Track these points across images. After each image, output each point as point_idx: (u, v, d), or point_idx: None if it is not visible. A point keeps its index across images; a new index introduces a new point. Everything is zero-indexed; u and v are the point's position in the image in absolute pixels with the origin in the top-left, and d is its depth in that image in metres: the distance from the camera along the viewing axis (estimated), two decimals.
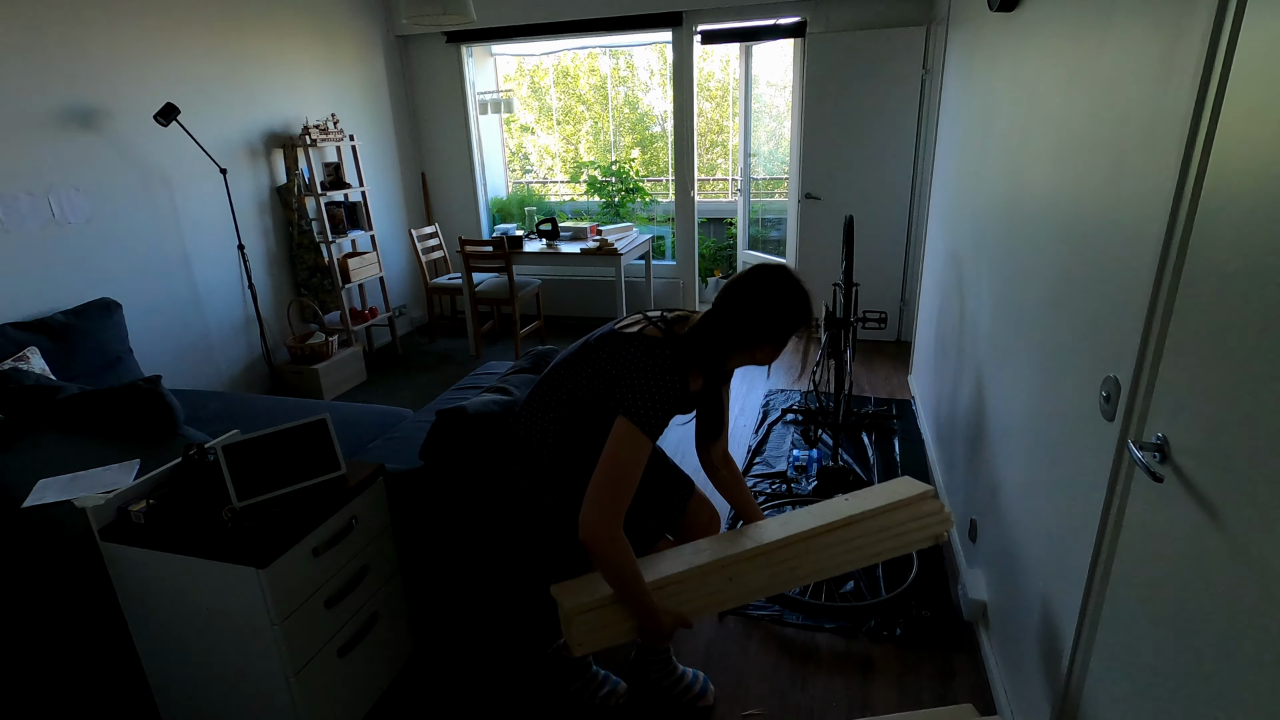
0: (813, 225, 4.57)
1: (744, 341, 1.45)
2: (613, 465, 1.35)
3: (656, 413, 1.37)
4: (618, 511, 1.36)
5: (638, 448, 1.36)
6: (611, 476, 1.35)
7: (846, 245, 2.78)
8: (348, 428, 2.49)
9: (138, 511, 1.53)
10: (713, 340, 1.45)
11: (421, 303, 5.41)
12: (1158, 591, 1.03)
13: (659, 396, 1.37)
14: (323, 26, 4.27)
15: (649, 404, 1.36)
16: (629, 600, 1.41)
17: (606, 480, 1.35)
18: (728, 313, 1.44)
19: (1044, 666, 1.46)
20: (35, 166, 2.79)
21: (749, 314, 1.43)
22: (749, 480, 2.91)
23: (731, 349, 1.46)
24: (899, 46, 4.07)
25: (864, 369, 4.18)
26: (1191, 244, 0.98)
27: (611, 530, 1.35)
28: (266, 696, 1.56)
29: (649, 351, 1.41)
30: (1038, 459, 1.56)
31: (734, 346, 1.46)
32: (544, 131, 7.01)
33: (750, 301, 1.43)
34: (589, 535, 1.34)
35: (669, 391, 1.38)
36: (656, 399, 1.37)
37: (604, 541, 1.35)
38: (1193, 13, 0.99)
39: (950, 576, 2.27)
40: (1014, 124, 1.93)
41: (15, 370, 2.37)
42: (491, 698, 1.87)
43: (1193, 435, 0.95)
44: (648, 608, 1.41)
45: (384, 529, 1.81)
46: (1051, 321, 1.52)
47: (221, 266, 3.67)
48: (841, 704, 1.82)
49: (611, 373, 1.43)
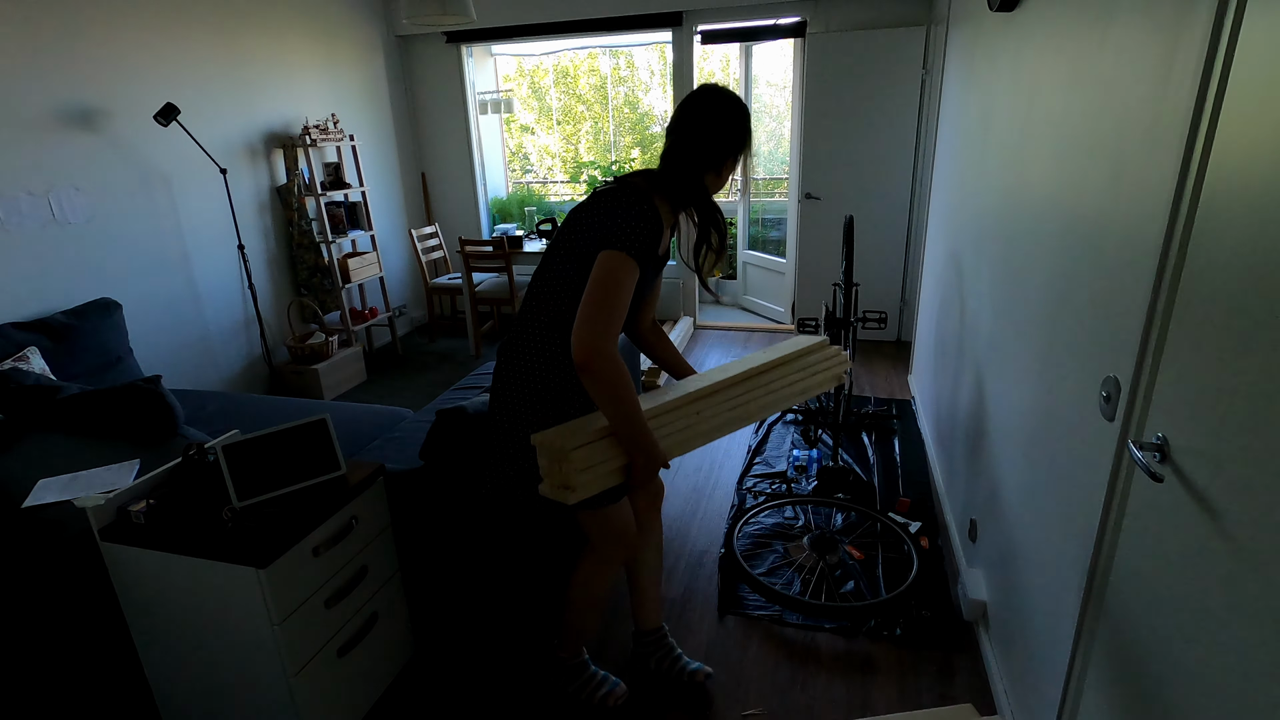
0: (813, 225, 4.57)
1: (711, 157, 1.48)
2: (601, 287, 1.33)
3: (639, 237, 1.37)
4: (611, 333, 1.33)
5: (624, 270, 1.35)
6: (600, 298, 1.32)
7: (846, 245, 2.78)
8: (348, 428, 2.49)
9: (138, 511, 1.53)
10: (685, 166, 1.49)
11: (421, 303, 5.41)
12: (1158, 591, 1.03)
13: (639, 223, 1.38)
14: (323, 26, 4.27)
15: (630, 230, 1.37)
16: (624, 424, 1.36)
17: (595, 301, 1.32)
18: (689, 136, 1.48)
19: (1044, 666, 1.47)
20: (35, 166, 2.79)
21: (709, 129, 1.47)
22: (749, 480, 2.92)
23: (703, 168, 1.50)
24: (899, 46, 4.07)
25: (864, 369, 4.18)
26: (1191, 244, 0.98)
27: (609, 347, 1.32)
28: (266, 696, 1.56)
29: (624, 192, 1.45)
30: (1038, 459, 1.56)
31: (704, 166, 1.49)
32: (544, 131, 7.01)
33: (705, 118, 1.48)
34: (587, 353, 1.30)
35: (647, 218, 1.40)
36: (637, 225, 1.38)
37: (606, 357, 1.31)
38: (1193, 13, 0.99)
39: (950, 576, 2.27)
40: (1014, 124, 1.93)
41: (15, 370, 2.37)
42: (491, 698, 1.87)
43: (1193, 435, 0.95)
44: (643, 430, 1.39)
45: (384, 529, 1.81)
46: (1051, 321, 1.52)
47: (221, 266, 3.67)
48: (841, 704, 1.82)
49: (596, 221, 1.44)
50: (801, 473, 2.95)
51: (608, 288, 1.34)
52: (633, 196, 1.43)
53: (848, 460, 3.03)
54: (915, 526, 2.51)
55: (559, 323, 1.48)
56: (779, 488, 2.85)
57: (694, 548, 2.49)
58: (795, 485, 2.86)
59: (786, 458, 3.09)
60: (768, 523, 2.59)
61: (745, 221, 5.35)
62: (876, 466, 2.99)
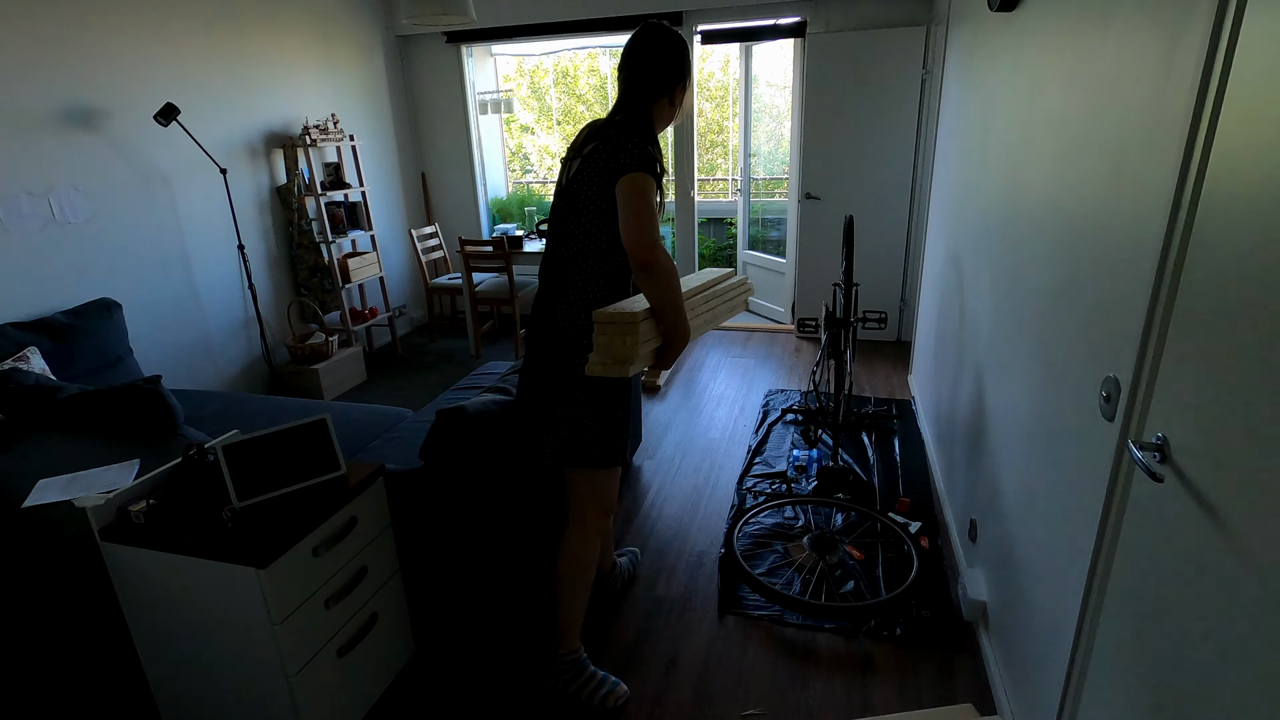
0: (813, 225, 4.57)
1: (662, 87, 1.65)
2: (633, 200, 1.51)
3: (642, 157, 1.54)
4: (658, 234, 1.52)
5: (644, 183, 1.52)
6: (637, 208, 1.51)
7: (846, 245, 2.78)
8: (348, 428, 2.49)
9: (138, 511, 1.53)
10: (643, 100, 1.65)
11: (421, 303, 5.41)
12: (1158, 591, 1.03)
13: (635, 149, 1.54)
14: (323, 26, 4.28)
15: (632, 156, 1.54)
16: (673, 311, 1.56)
17: (635, 211, 1.51)
18: (642, 73, 1.64)
19: (1044, 666, 1.47)
20: (35, 166, 2.79)
21: (656, 61, 1.64)
22: (749, 480, 2.92)
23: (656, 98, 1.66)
24: (899, 46, 4.07)
25: (864, 369, 4.18)
26: (1192, 244, 0.98)
27: (660, 242, 1.52)
28: (266, 696, 1.56)
29: (608, 139, 1.59)
30: (1038, 459, 1.56)
31: (657, 95, 1.66)
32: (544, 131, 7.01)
33: (653, 52, 1.64)
34: (648, 251, 1.49)
35: (639, 144, 1.56)
36: (634, 151, 1.54)
37: (662, 250, 1.51)
38: (1193, 13, 0.99)
39: (950, 576, 2.27)
40: (1014, 124, 1.93)
41: (15, 370, 2.37)
42: (491, 698, 1.88)
43: (1193, 435, 0.95)
44: (684, 314, 1.59)
45: (384, 529, 1.81)
46: (1052, 321, 1.52)
47: (221, 266, 3.67)
48: (841, 704, 1.82)
49: (596, 172, 1.59)
50: (801, 473, 2.95)
51: (639, 199, 1.51)
52: (619, 136, 1.58)
53: (848, 460, 3.03)
54: (915, 526, 2.51)
55: (590, 278, 1.64)
56: (779, 488, 2.85)
57: (694, 548, 2.50)
58: (795, 485, 2.86)
59: (786, 458, 3.09)
60: (768, 523, 2.59)
61: (745, 221, 5.34)
62: (876, 466, 2.99)
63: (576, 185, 1.61)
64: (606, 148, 1.57)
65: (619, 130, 1.59)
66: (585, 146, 1.62)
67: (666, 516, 2.70)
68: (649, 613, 2.18)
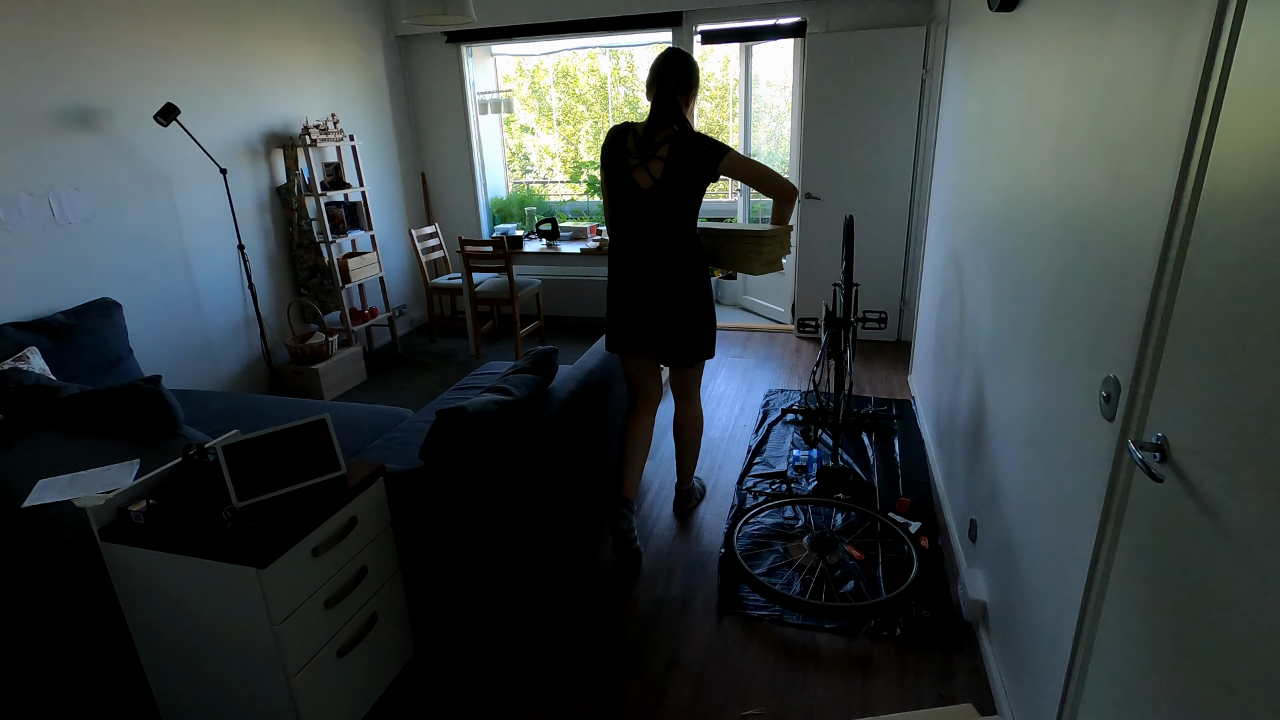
0: (813, 225, 4.57)
1: (685, 90, 2.22)
2: (750, 163, 2.21)
3: (716, 141, 2.20)
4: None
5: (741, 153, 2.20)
6: (760, 166, 2.22)
7: (846, 245, 2.78)
8: (348, 428, 2.49)
9: (138, 511, 1.53)
10: (682, 107, 2.23)
11: (421, 303, 5.41)
12: (1158, 591, 1.03)
13: (709, 138, 2.20)
14: (322, 26, 4.28)
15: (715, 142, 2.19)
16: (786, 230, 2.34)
17: (761, 168, 2.21)
18: (669, 86, 2.19)
19: (1044, 666, 1.47)
20: (35, 166, 2.79)
21: (680, 77, 2.20)
22: (749, 480, 2.92)
23: (681, 97, 2.22)
24: (899, 46, 4.07)
25: (864, 369, 4.18)
26: (1191, 244, 0.98)
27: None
28: (266, 696, 1.56)
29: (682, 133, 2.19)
30: (1038, 459, 1.56)
31: (682, 95, 2.22)
32: (544, 131, 7.00)
33: (675, 70, 2.20)
34: (794, 188, 2.26)
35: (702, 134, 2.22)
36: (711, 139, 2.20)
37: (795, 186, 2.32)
38: (1193, 13, 0.99)
39: (950, 576, 2.27)
40: (1014, 124, 1.93)
41: (15, 370, 2.37)
42: (491, 698, 1.88)
43: (1193, 435, 0.95)
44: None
45: (384, 529, 1.81)
46: (1052, 321, 1.52)
47: (221, 266, 3.67)
48: (841, 704, 1.82)
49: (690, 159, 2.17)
50: (801, 473, 2.95)
51: (752, 162, 2.21)
52: (694, 135, 2.17)
53: (848, 460, 3.03)
54: (915, 526, 2.51)
55: (692, 235, 2.29)
56: (779, 488, 2.85)
57: (694, 548, 2.50)
58: (795, 485, 2.86)
59: (786, 458, 3.09)
60: (768, 523, 2.59)
61: (745, 222, 5.35)
62: (876, 466, 2.99)
63: (673, 174, 2.17)
64: (689, 147, 2.15)
65: (686, 131, 2.18)
66: (658, 150, 2.18)
67: (666, 516, 2.70)
68: (649, 613, 2.18)
